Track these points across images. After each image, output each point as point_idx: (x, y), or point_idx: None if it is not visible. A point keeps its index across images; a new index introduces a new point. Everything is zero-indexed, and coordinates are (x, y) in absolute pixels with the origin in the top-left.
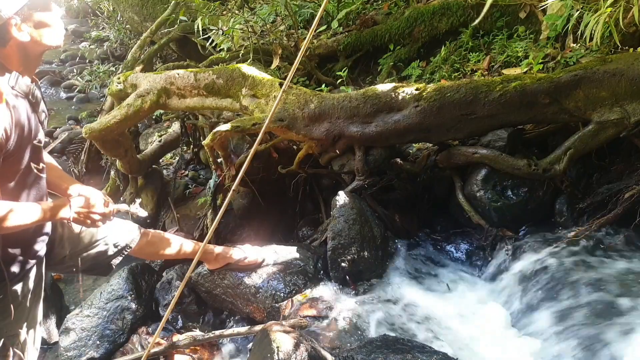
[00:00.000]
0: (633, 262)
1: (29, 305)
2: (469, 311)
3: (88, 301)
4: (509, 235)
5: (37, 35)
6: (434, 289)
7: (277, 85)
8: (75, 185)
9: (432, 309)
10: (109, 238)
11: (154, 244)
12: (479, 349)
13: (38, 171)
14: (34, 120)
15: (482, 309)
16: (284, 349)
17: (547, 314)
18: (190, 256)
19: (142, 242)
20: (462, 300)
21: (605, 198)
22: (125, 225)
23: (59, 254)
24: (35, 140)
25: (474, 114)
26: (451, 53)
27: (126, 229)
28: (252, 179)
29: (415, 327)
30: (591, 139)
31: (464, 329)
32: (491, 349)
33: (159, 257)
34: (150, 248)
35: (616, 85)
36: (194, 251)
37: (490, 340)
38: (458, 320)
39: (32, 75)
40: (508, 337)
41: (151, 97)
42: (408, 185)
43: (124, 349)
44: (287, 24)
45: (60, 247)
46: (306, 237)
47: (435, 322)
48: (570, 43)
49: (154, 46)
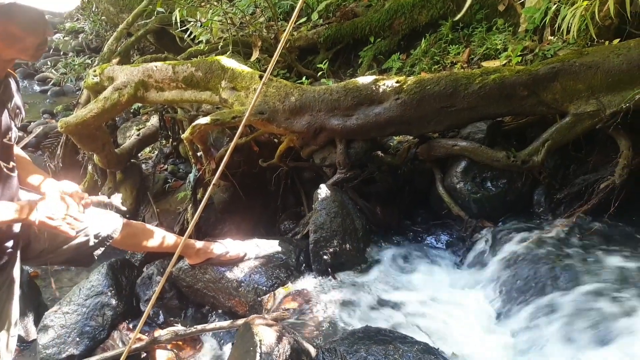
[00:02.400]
0: (609, 251)
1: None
2: (450, 301)
3: (67, 298)
4: (489, 225)
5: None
6: (414, 280)
7: (257, 78)
8: (49, 182)
9: (413, 299)
10: (90, 229)
11: (137, 236)
12: (460, 338)
13: (8, 170)
14: (3, 118)
15: (463, 299)
16: (266, 342)
17: (525, 302)
18: (172, 250)
19: (124, 232)
20: (442, 291)
21: (581, 189)
22: (107, 215)
23: (36, 249)
24: (4, 138)
25: (454, 107)
26: (431, 45)
27: (108, 219)
28: (232, 173)
29: (397, 317)
30: (568, 130)
31: (444, 319)
32: (471, 338)
33: (141, 249)
34: (132, 239)
35: (592, 78)
36: (175, 245)
37: (471, 330)
38: (439, 311)
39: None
40: (488, 326)
41: (129, 90)
42: (389, 178)
43: (105, 345)
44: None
45: (36, 241)
46: (288, 231)
47: (417, 313)
48: (548, 36)
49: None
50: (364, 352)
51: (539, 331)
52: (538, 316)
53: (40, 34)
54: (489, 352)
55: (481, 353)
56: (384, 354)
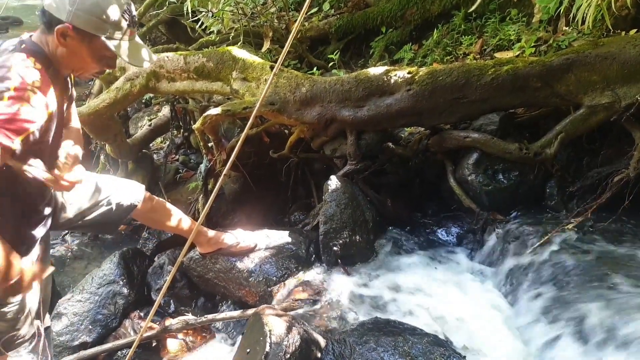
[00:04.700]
0: (622, 244)
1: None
2: (460, 294)
3: (79, 286)
4: (500, 218)
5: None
6: (425, 272)
7: (267, 69)
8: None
9: (423, 292)
10: (112, 198)
11: (157, 211)
12: (470, 330)
13: None
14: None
15: (473, 292)
16: (276, 333)
17: (537, 296)
18: (185, 234)
19: (146, 205)
20: (452, 283)
21: (595, 182)
22: (130, 185)
23: (63, 217)
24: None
25: (466, 98)
26: (443, 36)
27: (131, 188)
28: (243, 164)
29: (407, 309)
30: (582, 122)
31: (455, 312)
32: (482, 330)
33: (159, 226)
34: (153, 214)
35: (607, 69)
36: (189, 230)
37: (482, 323)
38: (449, 303)
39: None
40: (499, 320)
41: (140, 81)
42: (400, 170)
43: (117, 333)
44: (278, 5)
45: (62, 211)
46: (298, 222)
47: (426, 305)
48: (563, 26)
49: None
50: (373, 344)
51: (552, 325)
52: (551, 310)
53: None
54: (500, 345)
55: (492, 346)
56: (394, 346)
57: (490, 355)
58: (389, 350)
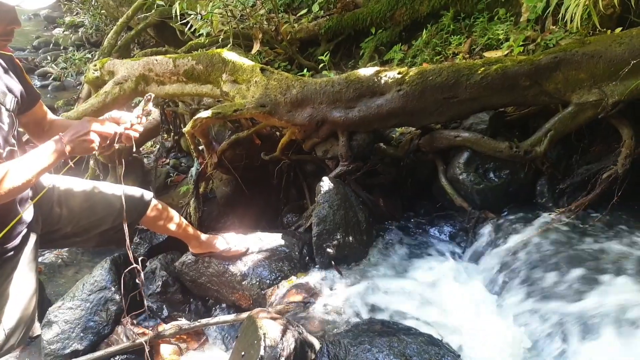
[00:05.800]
0: (610, 240)
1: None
2: (453, 292)
3: (70, 293)
4: (491, 216)
5: None
6: (418, 272)
7: (258, 71)
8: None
9: (417, 291)
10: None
11: (163, 218)
12: (463, 329)
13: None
14: None
15: (466, 290)
16: (270, 336)
17: (529, 293)
18: (181, 235)
19: (152, 214)
20: (445, 282)
21: (584, 179)
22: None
23: (60, 230)
24: None
25: (456, 97)
26: (433, 36)
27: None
28: (235, 166)
29: (401, 309)
30: (571, 120)
31: (448, 310)
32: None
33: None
34: (160, 221)
35: (594, 67)
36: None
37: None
38: (442, 302)
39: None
40: (492, 317)
41: (129, 84)
42: (391, 170)
43: (109, 340)
44: (267, 7)
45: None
46: (291, 224)
47: (420, 304)
48: (550, 25)
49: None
50: (368, 344)
51: (543, 321)
52: (543, 307)
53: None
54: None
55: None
56: (388, 346)
57: (484, 353)
58: (384, 350)
